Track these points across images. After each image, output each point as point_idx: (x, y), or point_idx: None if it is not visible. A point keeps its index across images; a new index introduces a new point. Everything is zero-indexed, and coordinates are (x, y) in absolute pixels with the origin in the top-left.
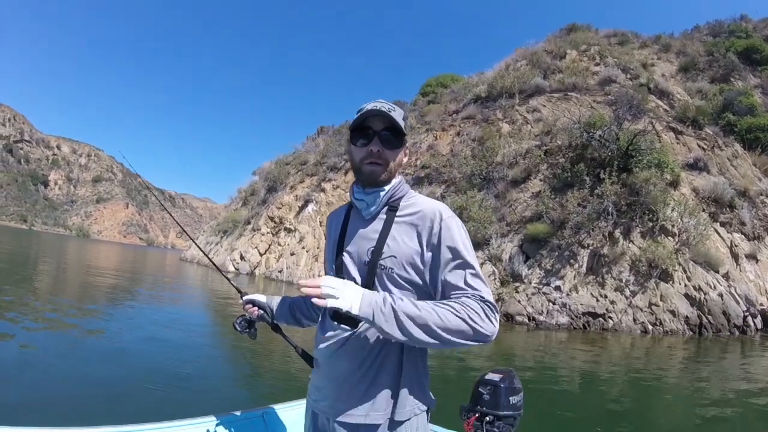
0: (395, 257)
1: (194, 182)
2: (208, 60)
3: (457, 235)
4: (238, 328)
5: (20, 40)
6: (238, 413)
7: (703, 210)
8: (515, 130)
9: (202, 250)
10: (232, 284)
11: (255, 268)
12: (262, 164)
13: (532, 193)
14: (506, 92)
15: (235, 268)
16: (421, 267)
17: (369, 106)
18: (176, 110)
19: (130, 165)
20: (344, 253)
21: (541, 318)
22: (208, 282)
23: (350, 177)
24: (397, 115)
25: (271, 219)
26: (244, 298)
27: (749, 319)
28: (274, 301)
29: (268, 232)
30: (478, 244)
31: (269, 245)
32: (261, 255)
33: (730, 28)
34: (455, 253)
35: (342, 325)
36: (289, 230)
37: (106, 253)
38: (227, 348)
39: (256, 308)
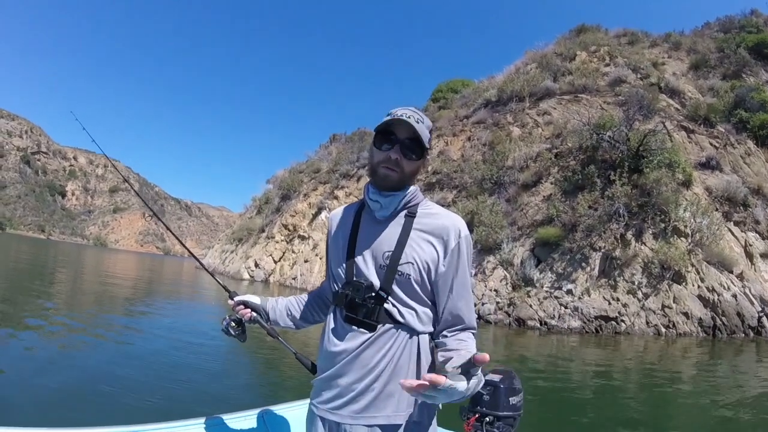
0: (413, 264)
1: (210, 191)
2: (222, 70)
3: (468, 255)
4: (232, 333)
5: (36, 53)
6: (237, 414)
7: (716, 209)
8: (525, 133)
9: (186, 246)
10: (219, 283)
11: (269, 276)
12: (275, 172)
13: (543, 196)
14: (516, 96)
15: (250, 276)
16: (434, 276)
17: (399, 113)
18: (192, 121)
19: (127, 178)
20: (357, 255)
21: (553, 322)
22: (223, 290)
23: (362, 184)
24: (423, 127)
25: (285, 227)
26: (236, 298)
27: (764, 319)
28: (269, 303)
29: (282, 240)
30: (490, 249)
31: (283, 252)
32: (275, 262)
33: (741, 23)
34: (463, 275)
35: (360, 329)
36: (302, 237)
37: (124, 262)
38: (229, 349)
39: (248, 310)
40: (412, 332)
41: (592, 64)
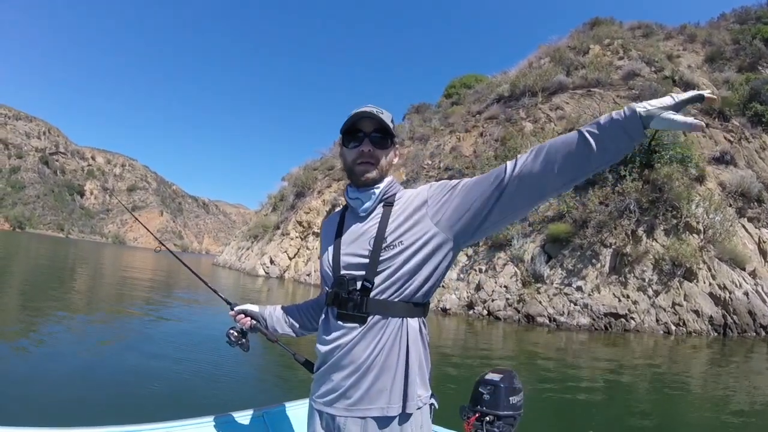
0: (400, 235)
1: (227, 189)
2: (239, 68)
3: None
4: (233, 340)
5: (52, 53)
6: (238, 413)
7: (730, 205)
8: (538, 128)
9: (195, 272)
10: (219, 296)
11: (284, 272)
12: (291, 170)
13: None
14: (529, 91)
15: (265, 272)
16: (432, 218)
17: (359, 110)
18: (209, 119)
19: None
20: (342, 252)
21: (562, 319)
22: (239, 285)
23: None
24: (386, 117)
25: (300, 223)
26: (235, 308)
27: None
28: (266, 311)
29: (296, 237)
30: (500, 245)
31: (298, 249)
32: (290, 259)
33: (757, 14)
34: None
35: (348, 323)
36: (316, 234)
37: (142, 259)
38: (232, 350)
39: (248, 319)
40: (402, 317)
41: (605, 57)
